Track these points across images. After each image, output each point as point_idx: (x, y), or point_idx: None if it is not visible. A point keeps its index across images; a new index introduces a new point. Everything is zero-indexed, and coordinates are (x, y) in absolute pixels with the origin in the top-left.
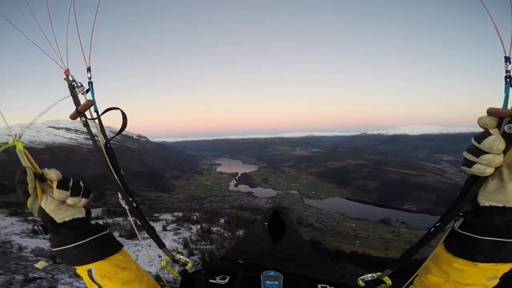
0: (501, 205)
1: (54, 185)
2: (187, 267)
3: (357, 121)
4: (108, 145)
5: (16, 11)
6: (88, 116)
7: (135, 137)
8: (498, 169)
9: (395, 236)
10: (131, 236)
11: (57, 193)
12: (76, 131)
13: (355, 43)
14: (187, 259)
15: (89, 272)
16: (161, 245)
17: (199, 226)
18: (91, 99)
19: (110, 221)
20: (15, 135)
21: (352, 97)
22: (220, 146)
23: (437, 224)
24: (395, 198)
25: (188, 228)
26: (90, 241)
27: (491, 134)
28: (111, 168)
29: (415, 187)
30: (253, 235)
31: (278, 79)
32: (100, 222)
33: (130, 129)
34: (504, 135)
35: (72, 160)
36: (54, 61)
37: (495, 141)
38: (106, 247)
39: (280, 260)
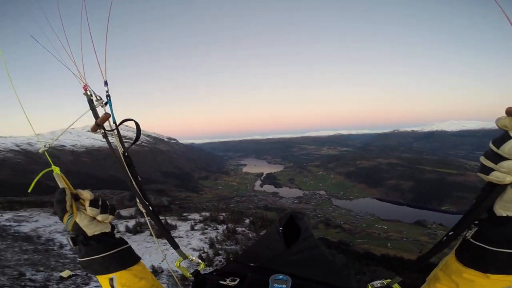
0: None
1: (87, 203)
2: (199, 268)
3: (388, 118)
4: (126, 154)
5: (39, 29)
6: (107, 128)
7: (165, 139)
8: None
9: (431, 238)
10: (161, 235)
11: (90, 211)
12: (112, 135)
13: (387, 36)
14: (199, 260)
15: (111, 280)
16: (175, 246)
17: (225, 226)
18: (109, 111)
19: (142, 220)
20: (45, 145)
21: (382, 94)
22: (246, 147)
23: (449, 233)
24: (431, 199)
25: (214, 228)
26: (115, 253)
27: (511, 138)
28: (130, 175)
29: (454, 187)
30: (266, 239)
31: (302, 79)
32: (133, 220)
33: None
34: None
35: (109, 161)
36: (75, 76)
37: None
38: (127, 259)
39: (292, 264)
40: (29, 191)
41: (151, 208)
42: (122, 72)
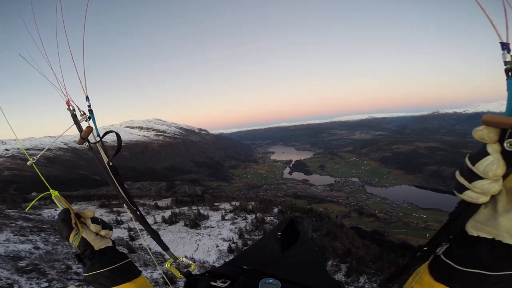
0: (490, 237)
1: (89, 221)
2: (190, 269)
3: (426, 99)
4: (111, 163)
5: (25, 45)
6: (92, 140)
7: (196, 130)
8: (493, 196)
9: None
10: (194, 225)
11: (93, 226)
12: (147, 129)
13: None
14: (190, 262)
15: None
16: (165, 248)
17: (254, 216)
18: (92, 125)
19: (177, 210)
20: (33, 158)
21: (419, 74)
22: (273, 134)
23: (424, 249)
24: None
25: (244, 217)
26: (120, 265)
27: (488, 154)
28: (116, 182)
29: None
30: (263, 243)
31: (331, 63)
32: (169, 211)
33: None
34: (505, 153)
35: (146, 154)
36: (58, 92)
37: (492, 165)
38: (132, 271)
39: (285, 267)
40: (27, 210)
41: (139, 213)
42: (155, 71)
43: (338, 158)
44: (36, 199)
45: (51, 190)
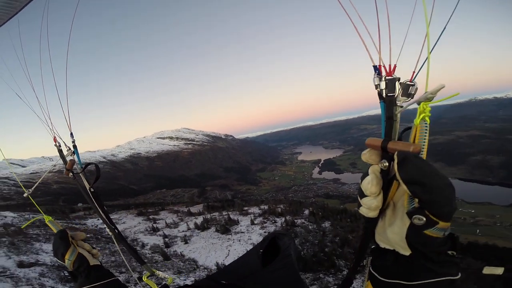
0: (392, 248)
1: (81, 242)
2: (167, 282)
3: (461, 86)
4: (93, 190)
5: (16, 82)
6: (76, 169)
7: (223, 136)
8: (385, 210)
9: None
10: (225, 231)
11: (86, 245)
12: (177, 138)
13: None
14: (167, 276)
15: None
16: (141, 262)
17: (283, 219)
18: (75, 158)
19: (208, 216)
20: (28, 190)
21: (452, 59)
22: (298, 134)
23: (352, 264)
24: None
25: (273, 221)
26: (111, 281)
27: (368, 174)
28: (97, 206)
29: None
30: (244, 259)
31: (354, 52)
32: (201, 217)
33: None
34: (382, 172)
35: (177, 163)
36: (46, 129)
37: (368, 184)
38: (121, 287)
39: (263, 282)
40: (22, 228)
41: (117, 231)
42: (179, 80)
43: None
44: (29, 222)
45: (44, 215)
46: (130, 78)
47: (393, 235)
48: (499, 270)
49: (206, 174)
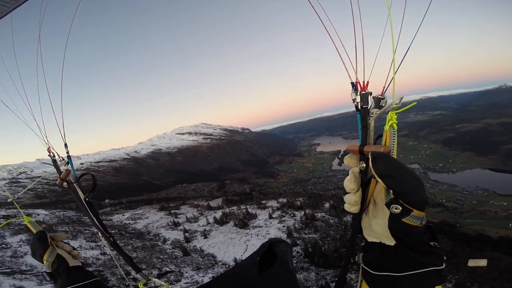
0: (378, 241)
1: (61, 242)
2: None
3: (490, 72)
4: (88, 199)
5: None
6: (70, 179)
7: (239, 130)
8: (369, 206)
9: None
10: (243, 225)
11: (66, 246)
12: (195, 133)
13: None
14: (162, 282)
15: None
16: (137, 269)
17: (302, 213)
18: (69, 168)
19: (227, 210)
20: (15, 196)
21: (479, 44)
22: (316, 125)
23: (344, 259)
24: None
25: (292, 215)
26: (93, 281)
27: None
28: (91, 215)
29: None
30: (241, 267)
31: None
32: (220, 211)
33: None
34: (361, 172)
35: (197, 157)
36: (39, 140)
37: (347, 182)
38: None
39: None
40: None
41: (112, 240)
42: (195, 75)
43: None
44: (4, 223)
45: (24, 216)
46: (149, 76)
47: (377, 227)
48: (483, 262)
49: (224, 168)
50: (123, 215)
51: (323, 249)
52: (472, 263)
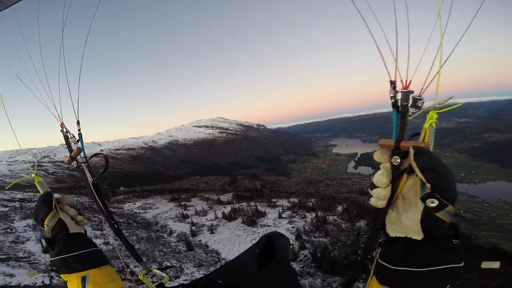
0: (403, 236)
1: (67, 206)
2: (164, 281)
3: None
4: (95, 182)
5: (24, 71)
6: (80, 160)
7: (255, 126)
8: (396, 201)
9: None
10: (251, 223)
11: (71, 211)
12: (212, 127)
13: None
14: (163, 274)
15: (83, 279)
16: (139, 259)
17: (314, 214)
18: (81, 147)
19: (236, 206)
20: (34, 174)
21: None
22: (334, 126)
23: (361, 253)
24: None
25: (302, 216)
26: (92, 251)
27: (379, 169)
28: (98, 200)
29: None
30: (240, 259)
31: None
32: (229, 206)
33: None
34: (393, 168)
35: (212, 150)
36: (53, 115)
37: (379, 176)
38: (101, 258)
39: (259, 284)
40: (7, 188)
41: (116, 226)
42: (215, 68)
43: None
44: (16, 181)
45: (34, 176)
46: (171, 69)
47: (408, 221)
48: (496, 265)
49: (238, 163)
50: (134, 203)
51: (333, 255)
52: (485, 265)
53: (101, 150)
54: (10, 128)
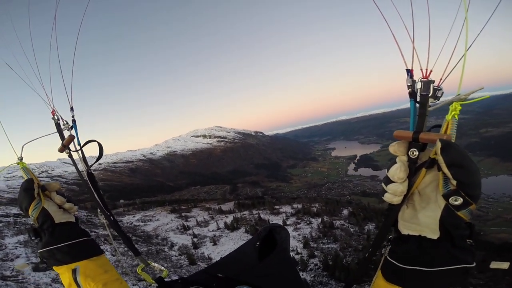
0: (417, 234)
1: (54, 193)
2: (162, 275)
3: None
4: (90, 171)
5: (12, 55)
6: (72, 148)
7: (253, 133)
8: (412, 197)
9: None
10: (255, 232)
11: (58, 198)
12: (209, 136)
13: None
14: (162, 267)
15: (74, 272)
16: (136, 253)
17: (319, 220)
18: (74, 134)
19: (239, 215)
20: (19, 158)
21: (504, 43)
22: (331, 129)
23: (370, 250)
24: None
25: (308, 222)
26: (81, 241)
27: (396, 163)
28: (92, 189)
29: None
30: (241, 252)
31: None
32: (231, 216)
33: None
34: (410, 161)
35: (211, 160)
36: (44, 102)
37: (396, 170)
38: (93, 249)
39: (260, 276)
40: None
41: (112, 219)
42: (211, 77)
43: None
44: (2, 170)
45: (19, 162)
46: (167, 78)
47: (426, 218)
48: (505, 265)
49: (237, 171)
50: (134, 216)
51: (345, 262)
52: (494, 265)
53: (99, 164)
54: (5, 141)
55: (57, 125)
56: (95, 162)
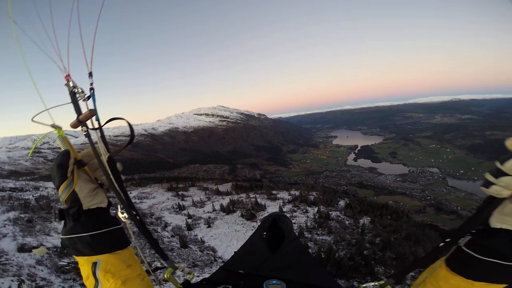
0: (511, 229)
1: (95, 166)
2: (189, 278)
3: None
4: (112, 156)
5: (18, 10)
6: (90, 126)
7: (256, 115)
8: None
9: None
10: (251, 217)
11: (98, 174)
12: (212, 115)
13: None
14: (190, 270)
15: (94, 265)
16: (164, 257)
17: (316, 209)
18: (93, 106)
19: (235, 197)
20: (55, 125)
21: None
22: (335, 117)
23: (447, 240)
24: None
25: (304, 210)
26: (105, 232)
27: None
28: (114, 181)
29: None
30: (251, 244)
31: (402, 33)
32: (228, 197)
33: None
34: None
35: (212, 139)
36: (56, 64)
37: None
38: (118, 241)
39: (280, 268)
40: (29, 155)
41: (138, 218)
42: (217, 58)
43: (414, 145)
44: (41, 138)
45: (57, 129)
46: (173, 57)
47: None
48: None
49: (237, 152)
50: (130, 193)
51: (337, 256)
52: None
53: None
54: (8, 115)
55: (72, 94)
56: (124, 148)
